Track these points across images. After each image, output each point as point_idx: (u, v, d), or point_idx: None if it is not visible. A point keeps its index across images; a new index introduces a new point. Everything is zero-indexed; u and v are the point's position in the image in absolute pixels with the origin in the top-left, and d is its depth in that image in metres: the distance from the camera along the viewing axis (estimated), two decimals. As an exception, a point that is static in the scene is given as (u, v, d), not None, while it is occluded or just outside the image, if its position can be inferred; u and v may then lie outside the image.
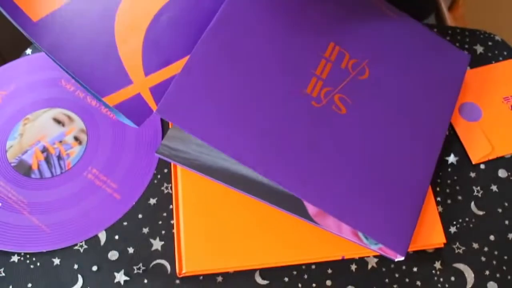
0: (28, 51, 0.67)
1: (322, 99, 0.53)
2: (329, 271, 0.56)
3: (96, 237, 0.57)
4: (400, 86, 0.58)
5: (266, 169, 0.50)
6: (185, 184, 0.57)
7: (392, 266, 0.57)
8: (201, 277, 0.55)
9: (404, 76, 0.59)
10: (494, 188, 0.61)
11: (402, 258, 0.52)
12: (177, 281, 0.55)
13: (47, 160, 0.60)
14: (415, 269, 0.57)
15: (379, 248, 0.53)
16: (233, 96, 0.51)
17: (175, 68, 0.53)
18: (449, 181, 0.61)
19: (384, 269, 0.56)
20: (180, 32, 0.54)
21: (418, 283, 0.56)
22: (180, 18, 0.55)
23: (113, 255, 0.56)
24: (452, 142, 0.63)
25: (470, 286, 0.56)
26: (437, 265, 0.57)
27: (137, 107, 0.51)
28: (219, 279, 0.55)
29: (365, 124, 0.55)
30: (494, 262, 0.57)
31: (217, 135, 0.49)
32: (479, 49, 0.70)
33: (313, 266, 0.56)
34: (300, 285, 0.55)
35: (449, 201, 0.60)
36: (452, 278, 0.56)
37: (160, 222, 0.58)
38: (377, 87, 0.57)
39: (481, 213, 0.60)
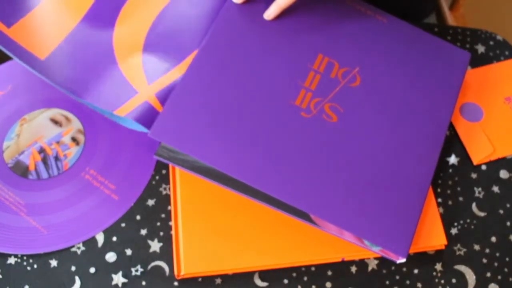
0: (26, 50, 0.66)
1: (312, 109, 0.54)
2: (329, 273, 0.56)
3: (93, 239, 0.56)
4: (396, 89, 0.58)
5: (262, 183, 0.51)
6: (184, 186, 0.57)
7: (393, 268, 0.56)
8: (200, 279, 0.55)
9: (400, 78, 0.59)
10: (495, 189, 0.61)
11: (404, 260, 0.52)
12: (176, 283, 0.55)
13: (44, 161, 0.59)
14: (416, 271, 0.56)
15: (380, 250, 0.52)
16: (223, 114, 0.53)
17: (175, 72, 0.55)
18: (450, 182, 0.61)
19: (384, 271, 0.56)
20: (175, 39, 0.57)
21: (419, 285, 0.55)
22: (174, 26, 0.57)
23: (111, 256, 0.56)
24: (453, 142, 0.63)
25: (471, 288, 0.56)
26: (438, 267, 0.56)
27: (146, 113, 0.53)
28: (218, 281, 0.55)
29: (360, 129, 0.55)
30: (496, 264, 0.57)
31: (210, 153, 0.51)
32: (481, 48, 0.69)
33: (313, 268, 0.56)
34: (299, 287, 0.55)
35: (450, 202, 0.60)
36: (453, 280, 0.56)
37: (158, 224, 0.57)
38: (371, 93, 0.57)
39: (482, 214, 0.59)
